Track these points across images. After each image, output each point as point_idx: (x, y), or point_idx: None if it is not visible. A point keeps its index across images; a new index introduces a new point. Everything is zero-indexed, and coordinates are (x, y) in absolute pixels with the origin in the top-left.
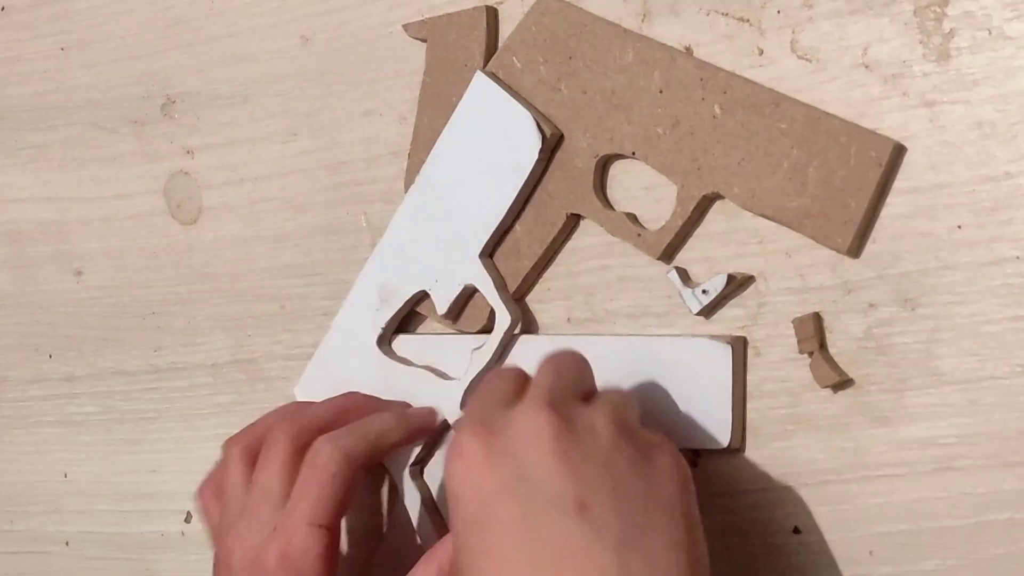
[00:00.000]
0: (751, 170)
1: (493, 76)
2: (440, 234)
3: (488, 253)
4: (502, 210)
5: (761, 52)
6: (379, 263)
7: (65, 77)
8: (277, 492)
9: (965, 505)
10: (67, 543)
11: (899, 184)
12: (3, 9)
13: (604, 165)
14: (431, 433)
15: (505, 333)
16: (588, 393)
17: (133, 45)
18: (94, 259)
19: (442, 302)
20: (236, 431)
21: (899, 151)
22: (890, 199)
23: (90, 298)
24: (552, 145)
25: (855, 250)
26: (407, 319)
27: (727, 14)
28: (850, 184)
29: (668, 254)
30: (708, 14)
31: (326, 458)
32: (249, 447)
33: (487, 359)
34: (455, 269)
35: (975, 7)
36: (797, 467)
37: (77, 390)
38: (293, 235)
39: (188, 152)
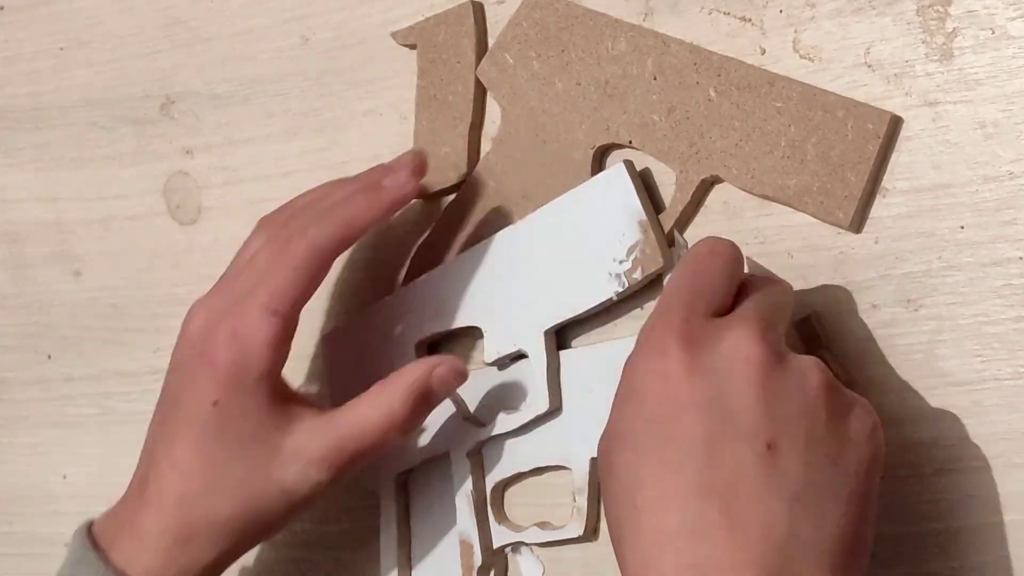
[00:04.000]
0: (749, 151)
1: (632, 169)
2: (521, 287)
3: (555, 332)
4: (587, 305)
5: (763, 51)
6: (451, 276)
7: (64, 77)
8: (248, 269)
9: (968, 507)
10: (66, 545)
11: (901, 184)
12: (2, 8)
13: (601, 155)
14: (403, 204)
15: (537, 418)
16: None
17: (132, 45)
18: (93, 259)
19: (492, 351)
20: None
21: (896, 123)
22: (892, 199)
23: (89, 299)
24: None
25: (856, 224)
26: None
27: (729, 13)
28: (849, 158)
29: (669, 241)
30: (710, 13)
31: (293, 248)
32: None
33: (508, 429)
34: (518, 330)
35: (978, 6)
36: None
37: (76, 391)
38: None
39: (187, 152)
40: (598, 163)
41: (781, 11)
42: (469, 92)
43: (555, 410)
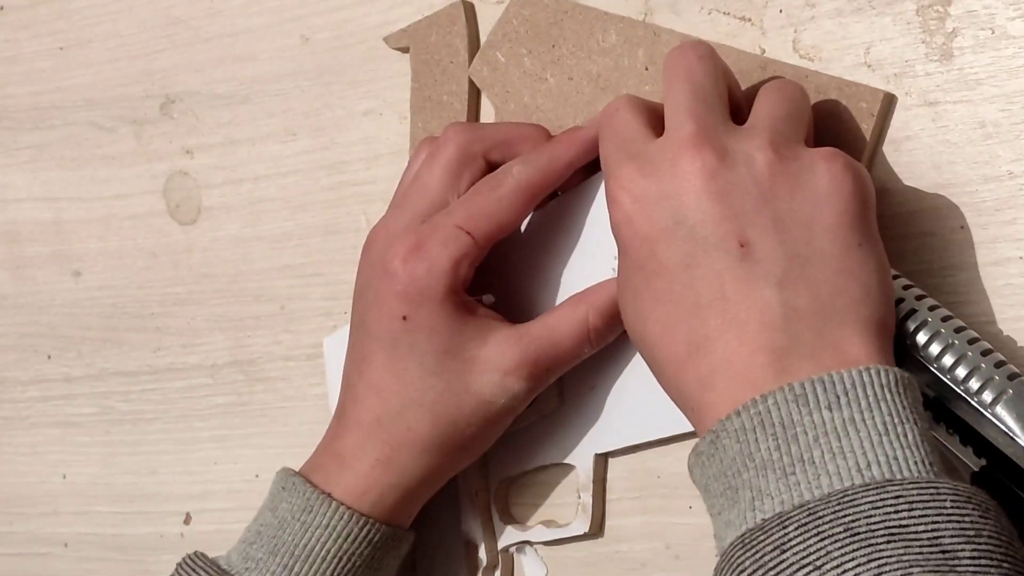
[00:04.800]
0: None
1: None
2: (523, 287)
3: None
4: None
5: (763, 51)
6: None
7: (64, 77)
8: (433, 190)
9: None
10: (66, 544)
11: (902, 184)
12: (2, 8)
13: None
14: (591, 156)
15: (540, 416)
16: (736, 104)
17: (132, 45)
18: (93, 259)
19: None
20: (235, 432)
21: (890, 100)
22: (892, 199)
23: (89, 299)
24: None
25: None
26: None
27: (729, 13)
28: (844, 138)
29: None
30: (710, 13)
31: (501, 178)
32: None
33: (518, 427)
34: (521, 317)
35: (978, 6)
36: None
37: (76, 391)
38: (293, 235)
39: (187, 152)
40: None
41: (781, 11)
42: (463, 92)
43: (558, 407)
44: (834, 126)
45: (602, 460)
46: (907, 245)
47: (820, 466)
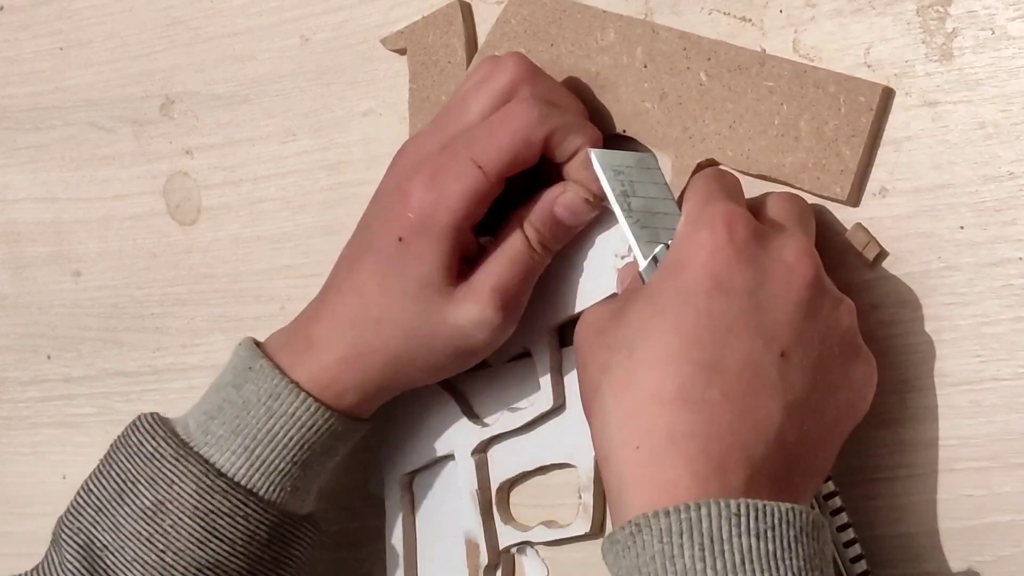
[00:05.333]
0: (743, 132)
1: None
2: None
3: (558, 329)
4: (590, 301)
5: (763, 51)
6: None
7: (63, 77)
8: (473, 118)
9: (966, 507)
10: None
11: (901, 184)
12: (2, 8)
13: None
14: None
15: (541, 415)
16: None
17: (132, 45)
18: (92, 260)
19: (498, 353)
20: None
21: (888, 94)
22: (892, 199)
23: (88, 299)
24: None
25: (855, 198)
26: None
27: (729, 13)
28: (843, 132)
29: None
30: (710, 13)
31: (525, 111)
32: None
33: (513, 427)
34: (523, 328)
35: (978, 6)
36: None
37: (75, 391)
38: (292, 235)
39: (187, 152)
40: None
41: (781, 11)
42: None
43: (559, 407)
44: (833, 121)
45: None
46: (907, 245)
47: None
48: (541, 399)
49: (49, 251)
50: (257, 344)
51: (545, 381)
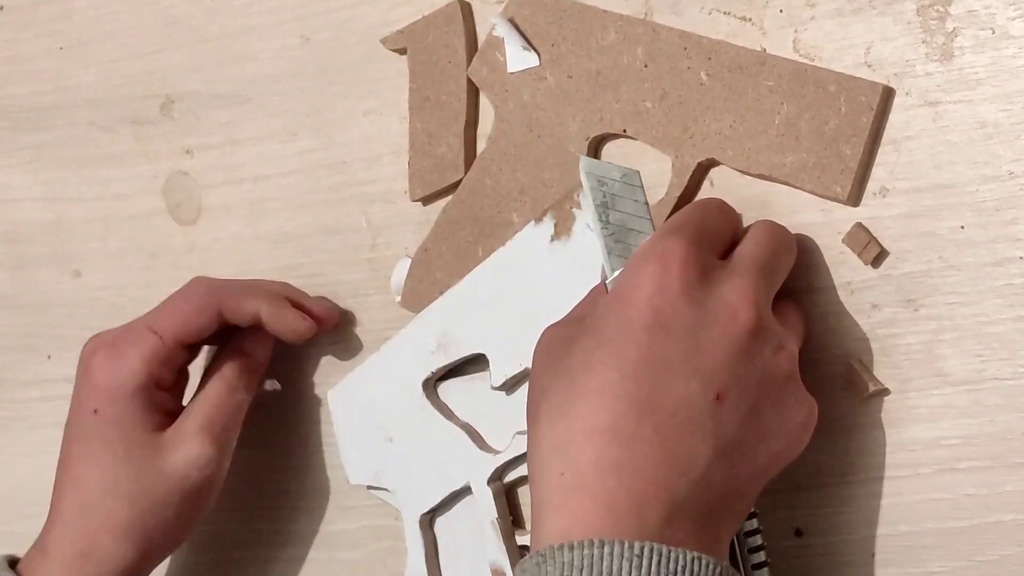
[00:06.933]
0: (743, 131)
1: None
2: (518, 308)
3: None
4: None
5: (764, 51)
6: (447, 308)
7: (64, 77)
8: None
9: (968, 507)
10: None
11: (901, 184)
12: (2, 8)
13: (597, 146)
14: (296, 336)
15: None
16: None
17: (132, 45)
18: (93, 259)
19: (499, 375)
20: None
21: (888, 94)
22: (892, 199)
23: (89, 299)
24: None
25: (855, 198)
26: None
27: (729, 13)
28: (843, 132)
29: None
30: (710, 13)
31: (192, 286)
32: None
33: (525, 451)
34: (523, 349)
35: (978, 6)
36: (799, 469)
37: None
38: (293, 235)
39: (187, 152)
40: (593, 155)
41: (781, 11)
42: (462, 91)
43: None
44: (833, 120)
45: None
46: (907, 245)
47: None
48: None
49: (49, 251)
50: (13, 563)
51: None
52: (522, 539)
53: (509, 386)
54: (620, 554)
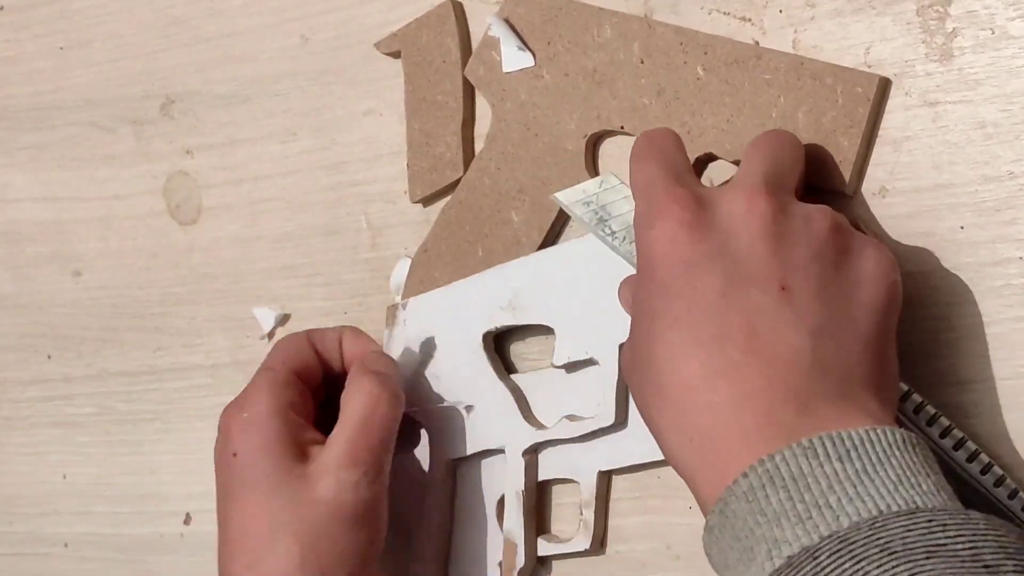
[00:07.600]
0: (741, 125)
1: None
2: (597, 296)
3: None
4: None
5: (757, 44)
6: (530, 271)
7: (64, 77)
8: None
9: (967, 507)
10: (66, 545)
11: (901, 184)
12: (2, 8)
13: (594, 144)
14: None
15: (600, 429)
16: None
17: (132, 45)
18: (93, 259)
19: (562, 355)
20: None
21: (885, 84)
22: (892, 199)
23: (89, 299)
24: None
25: (853, 189)
26: None
27: (729, 13)
28: (841, 123)
29: None
30: (710, 13)
31: (296, 337)
32: None
33: (570, 436)
34: (593, 338)
35: (978, 6)
36: None
37: (76, 391)
38: (293, 235)
39: (187, 152)
40: (591, 152)
41: (781, 11)
42: (458, 91)
43: (620, 423)
44: (830, 112)
45: (605, 478)
46: (907, 245)
47: (838, 508)
48: (604, 414)
49: (49, 251)
50: None
51: (609, 397)
52: (543, 548)
53: (569, 368)
54: (794, 455)
